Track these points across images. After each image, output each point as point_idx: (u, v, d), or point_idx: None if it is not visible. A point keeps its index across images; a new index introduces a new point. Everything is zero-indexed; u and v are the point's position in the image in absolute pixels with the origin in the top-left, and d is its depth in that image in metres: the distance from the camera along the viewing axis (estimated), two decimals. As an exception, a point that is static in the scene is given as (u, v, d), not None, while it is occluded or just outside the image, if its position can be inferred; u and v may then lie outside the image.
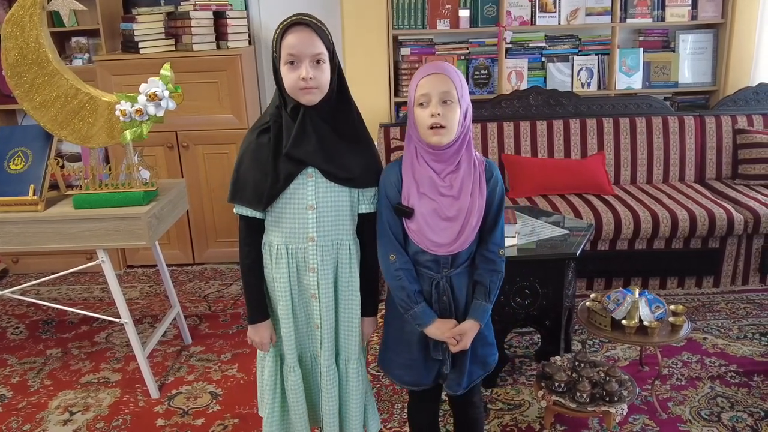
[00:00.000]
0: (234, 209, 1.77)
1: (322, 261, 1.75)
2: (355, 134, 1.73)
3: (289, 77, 1.62)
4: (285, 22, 1.62)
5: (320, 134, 1.67)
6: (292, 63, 1.61)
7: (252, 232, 1.78)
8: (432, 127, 1.62)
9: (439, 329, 1.74)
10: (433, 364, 1.83)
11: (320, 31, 1.62)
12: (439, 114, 1.61)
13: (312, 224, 1.72)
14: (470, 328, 1.75)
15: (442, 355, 1.80)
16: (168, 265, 3.17)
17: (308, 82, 1.60)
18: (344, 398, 1.90)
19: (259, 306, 1.82)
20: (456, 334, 1.74)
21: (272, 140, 1.68)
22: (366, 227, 1.80)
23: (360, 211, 1.78)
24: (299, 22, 1.61)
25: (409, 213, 1.70)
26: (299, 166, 1.68)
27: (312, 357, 1.89)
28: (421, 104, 1.64)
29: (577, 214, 3.35)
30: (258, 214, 1.74)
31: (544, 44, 4.09)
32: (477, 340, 1.79)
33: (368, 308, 1.87)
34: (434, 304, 1.76)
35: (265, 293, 1.83)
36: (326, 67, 1.63)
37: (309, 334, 1.86)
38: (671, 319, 2.43)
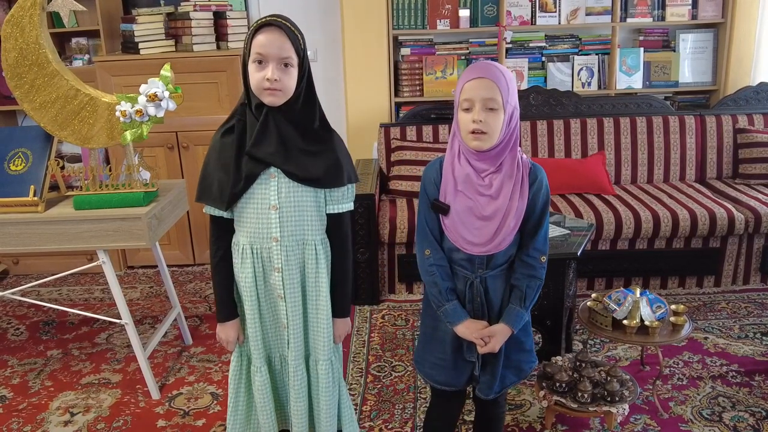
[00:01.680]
0: (203, 209, 1.79)
1: (286, 261, 1.74)
2: (319, 136, 1.73)
3: (255, 76, 1.62)
4: (260, 21, 1.62)
5: (282, 135, 1.67)
6: (260, 62, 1.61)
7: (220, 231, 1.79)
8: (473, 132, 1.62)
9: (468, 329, 1.73)
10: (464, 366, 1.82)
11: (292, 35, 1.61)
12: (480, 121, 1.60)
13: (275, 224, 1.72)
14: (500, 331, 1.73)
15: (475, 357, 1.79)
16: (168, 266, 3.17)
17: (273, 83, 1.60)
18: (314, 400, 1.89)
19: (227, 305, 1.83)
20: (485, 335, 1.72)
21: (236, 139, 1.69)
22: (335, 228, 1.80)
23: (328, 212, 1.78)
24: (273, 23, 1.61)
25: (445, 209, 1.69)
26: (261, 165, 1.68)
27: (281, 357, 1.89)
28: (466, 109, 1.63)
29: (578, 214, 3.35)
30: (225, 214, 1.75)
31: (544, 44, 4.09)
32: (512, 346, 1.78)
33: (339, 309, 1.86)
34: (467, 304, 1.75)
35: (234, 292, 1.84)
36: (293, 71, 1.63)
37: (277, 335, 1.86)
38: (672, 318, 2.42)
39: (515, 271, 1.74)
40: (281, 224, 1.72)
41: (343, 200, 1.78)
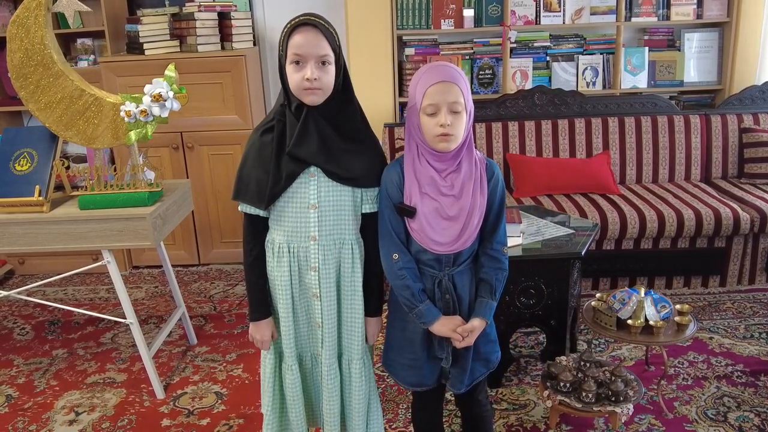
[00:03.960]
0: (238, 207, 1.79)
1: (323, 260, 1.75)
2: (358, 134, 1.74)
3: (293, 77, 1.63)
4: (293, 22, 1.63)
5: (323, 134, 1.68)
6: (297, 63, 1.62)
7: (255, 230, 1.79)
8: (440, 135, 1.62)
9: (444, 326, 1.74)
10: (435, 364, 1.83)
11: (327, 32, 1.62)
12: (449, 124, 1.61)
13: (314, 223, 1.73)
14: (479, 325, 1.76)
15: (446, 353, 1.80)
16: (173, 266, 3.18)
17: (312, 82, 1.61)
18: (346, 399, 1.90)
19: (261, 303, 1.83)
20: (466, 330, 1.73)
21: (275, 139, 1.69)
22: (369, 227, 1.80)
23: (363, 211, 1.79)
24: (307, 22, 1.61)
25: (411, 212, 1.70)
26: (301, 165, 1.69)
27: (312, 357, 1.89)
28: (431, 114, 1.63)
29: (583, 214, 3.35)
30: (261, 212, 1.75)
31: (548, 43, 4.08)
32: (480, 338, 1.79)
33: (372, 308, 1.87)
34: (438, 302, 1.76)
35: (267, 291, 1.84)
36: (331, 68, 1.64)
37: (310, 334, 1.86)
38: (677, 318, 2.42)
39: (482, 266, 1.76)
40: (320, 223, 1.73)
41: (378, 200, 1.79)
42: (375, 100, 3.97)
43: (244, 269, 1.84)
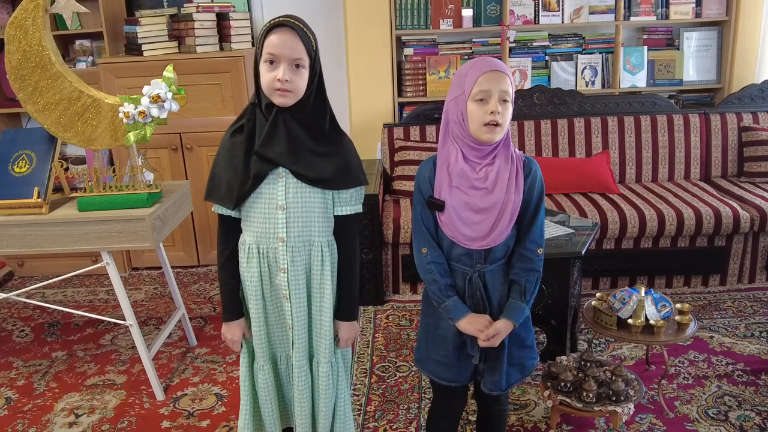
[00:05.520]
0: (212, 207, 1.79)
1: (292, 262, 1.74)
2: (329, 138, 1.73)
3: (266, 76, 1.63)
4: (272, 21, 1.63)
5: (292, 135, 1.67)
6: (271, 62, 1.62)
7: (227, 230, 1.80)
8: (487, 124, 1.62)
9: (470, 323, 1.73)
10: (467, 362, 1.82)
11: (305, 36, 1.62)
12: (499, 112, 1.61)
13: (282, 224, 1.72)
14: (503, 327, 1.73)
15: (476, 351, 1.78)
16: (172, 267, 3.17)
17: (284, 84, 1.60)
18: (315, 401, 1.89)
19: (233, 304, 1.83)
20: (490, 335, 1.71)
21: (245, 139, 1.69)
22: (343, 229, 1.79)
23: (336, 213, 1.78)
24: (285, 23, 1.61)
25: (440, 206, 1.70)
26: (269, 165, 1.68)
27: (286, 357, 1.88)
28: (480, 100, 1.62)
29: (582, 213, 3.34)
30: (232, 213, 1.75)
31: (547, 43, 4.08)
32: (513, 343, 1.77)
33: (345, 312, 1.85)
34: (467, 300, 1.75)
35: (239, 291, 1.84)
36: (304, 72, 1.64)
37: (282, 335, 1.86)
38: (677, 317, 2.42)
39: (513, 266, 1.74)
40: (288, 225, 1.72)
41: (350, 202, 1.78)
42: (374, 100, 3.97)
43: (218, 269, 1.85)
